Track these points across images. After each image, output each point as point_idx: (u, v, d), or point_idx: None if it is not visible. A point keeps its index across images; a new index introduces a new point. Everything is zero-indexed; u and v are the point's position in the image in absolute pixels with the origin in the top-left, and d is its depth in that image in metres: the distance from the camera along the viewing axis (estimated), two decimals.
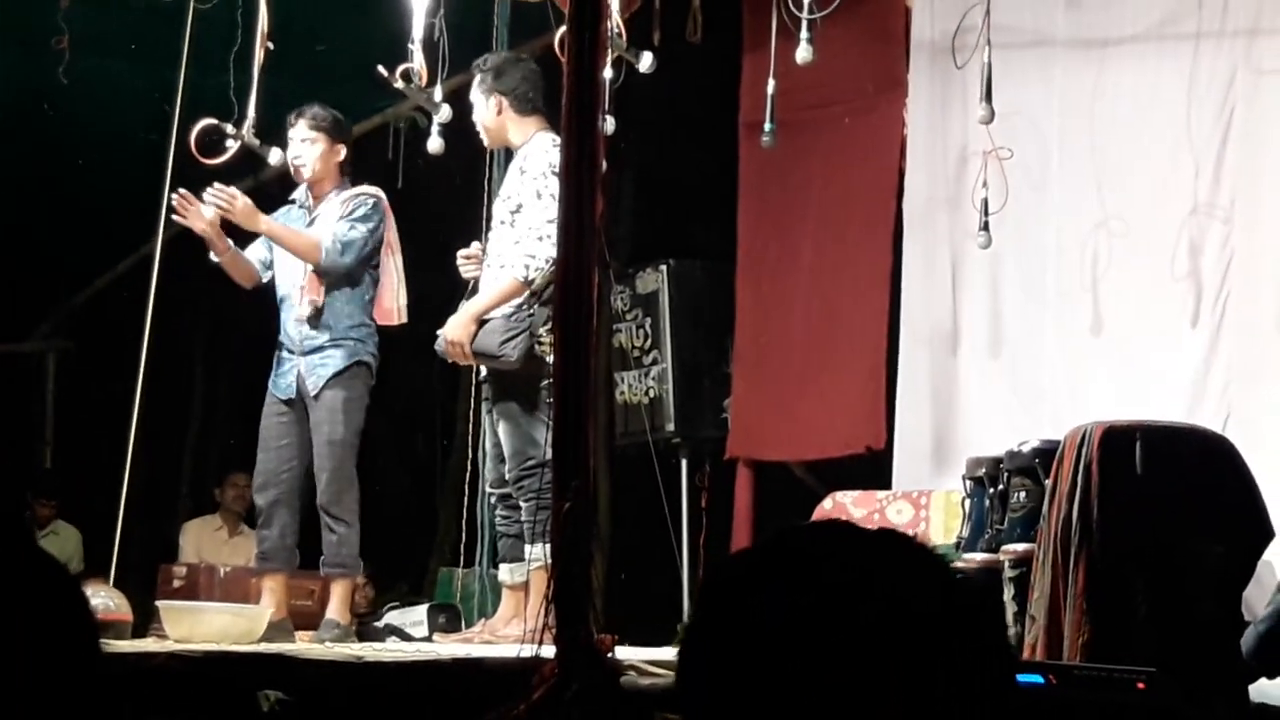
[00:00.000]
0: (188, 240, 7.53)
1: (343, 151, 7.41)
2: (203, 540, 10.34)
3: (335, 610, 7.22)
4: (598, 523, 5.09)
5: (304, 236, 7.27)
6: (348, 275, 7.24)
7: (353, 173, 7.49)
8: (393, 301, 7.39)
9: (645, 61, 6.96)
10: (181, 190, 7.19)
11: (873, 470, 8.31)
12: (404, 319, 7.43)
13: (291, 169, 7.40)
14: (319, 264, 7.19)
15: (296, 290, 7.30)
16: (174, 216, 7.22)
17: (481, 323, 6.89)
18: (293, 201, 7.54)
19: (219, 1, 7.82)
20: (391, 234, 7.42)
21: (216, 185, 7.15)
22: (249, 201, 7.21)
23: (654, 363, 9.25)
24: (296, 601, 7.66)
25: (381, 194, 7.45)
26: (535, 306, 6.76)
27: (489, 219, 7.40)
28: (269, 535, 7.27)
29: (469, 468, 8.04)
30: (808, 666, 1.65)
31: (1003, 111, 7.02)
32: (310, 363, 7.22)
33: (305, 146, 7.34)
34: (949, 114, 8.28)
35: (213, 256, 7.33)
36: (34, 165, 9.83)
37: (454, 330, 6.93)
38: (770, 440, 8.90)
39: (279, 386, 7.30)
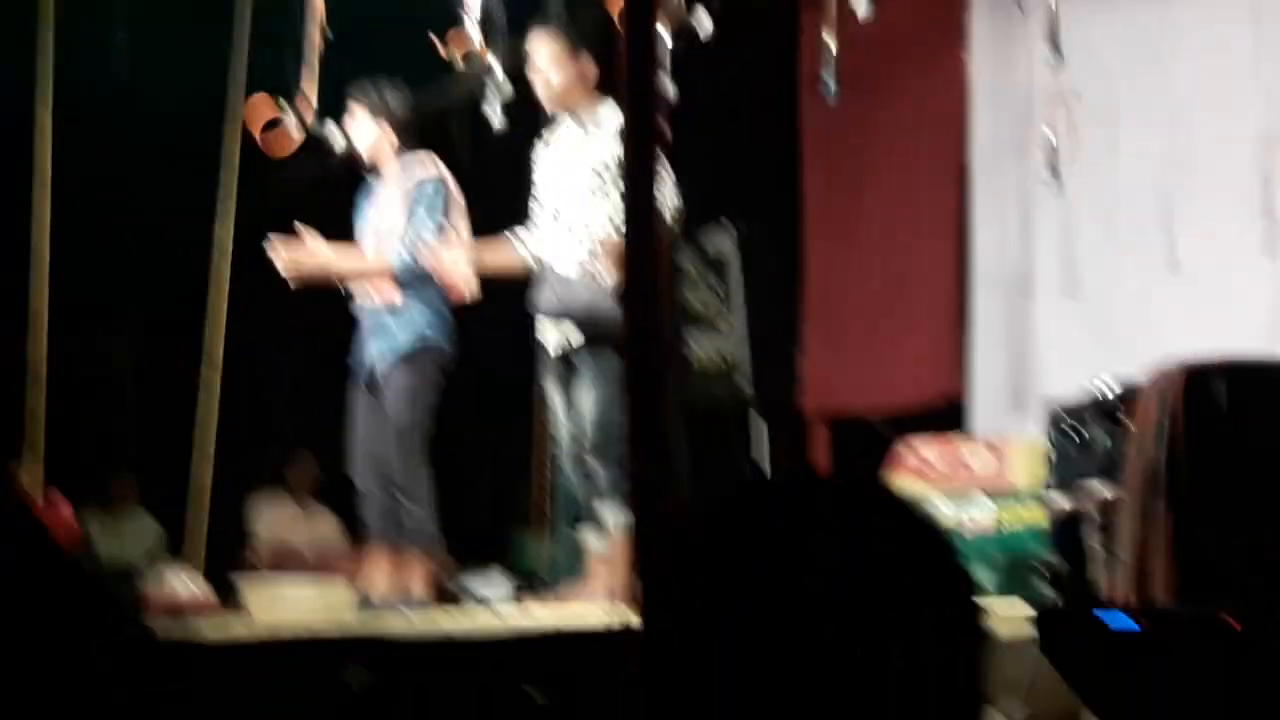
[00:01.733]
0: (254, 225, 7.55)
1: (399, 126, 7.41)
2: (274, 520, 10.37)
3: (414, 584, 7.24)
4: (677, 488, 5.06)
5: (374, 266, 7.27)
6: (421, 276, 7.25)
7: (413, 143, 7.46)
8: (460, 278, 7.37)
9: (705, 26, 6.89)
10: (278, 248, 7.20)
11: (951, 421, 8.26)
12: (473, 294, 7.41)
13: (354, 148, 7.42)
14: (396, 276, 7.21)
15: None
16: (284, 271, 7.22)
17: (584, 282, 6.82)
18: (368, 185, 7.55)
19: None
20: (457, 212, 7.39)
21: (283, 257, 7.15)
22: (322, 254, 7.23)
23: (726, 322, 9.21)
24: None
25: (445, 171, 7.42)
26: None
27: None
28: (367, 507, 7.29)
29: (545, 434, 8.02)
30: (779, 634, 1.66)
31: (1068, 52, 6.94)
32: (380, 347, 7.24)
33: (358, 127, 7.36)
34: (1013, 59, 8.21)
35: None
36: (100, 157, 9.85)
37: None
38: (847, 395, 8.87)
39: (359, 370, 7.33)
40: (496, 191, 7.77)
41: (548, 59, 7.01)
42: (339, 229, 7.52)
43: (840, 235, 8.93)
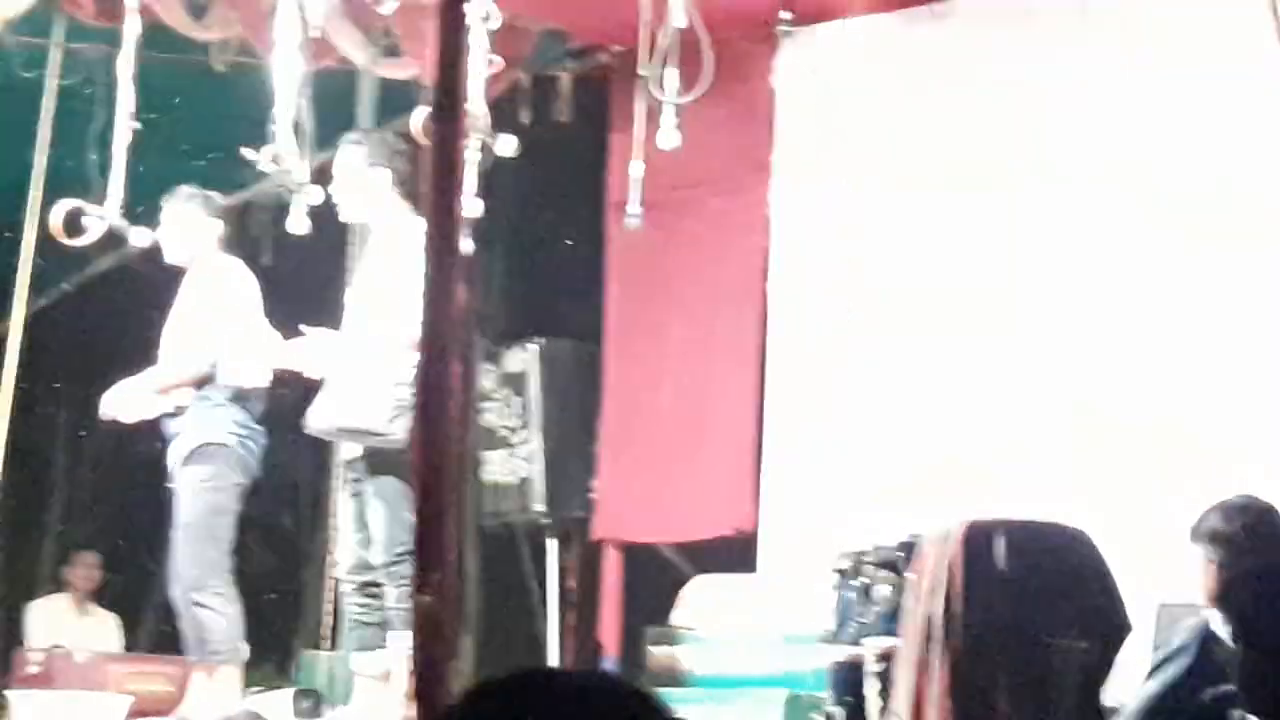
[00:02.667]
0: (48, 319, 7.43)
1: (219, 227, 7.36)
2: (52, 621, 10.13)
3: (218, 701, 7.09)
4: (460, 613, 5.02)
5: (183, 376, 7.18)
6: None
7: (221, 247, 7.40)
8: (260, 361, 7.28)
9: (506, 145, 6.92)
10: None
11: (741, 552, 8.29)
12: (267, 379, 7.30)
13: (164, 248, 7.33)
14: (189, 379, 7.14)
15: None
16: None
17: (368, 398, 6.76)
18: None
19: (81, 80, 7.75)
20: (246, 298, 7.31)
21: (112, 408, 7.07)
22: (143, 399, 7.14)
23: (523, 442, 9.17)
24: (155, 689, 7.52)
25: (238, 263, 7.37)
26: None
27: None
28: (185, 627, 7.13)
29: (331, 549, 7.93)
30: None
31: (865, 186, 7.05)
32: (172, 451, 7.13)
33: (180, 225, 7.28)
34: (814, 193, 8.31)
35: None
36: None
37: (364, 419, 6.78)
38: (639, 521, 8.86)
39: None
40: (302, 293, 7.74)
41: (347, 170, 7.01)
42: (133, 323, 7.42)
43: (641, 358, 8.95)
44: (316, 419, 6.94)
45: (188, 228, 7.29)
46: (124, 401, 7.12)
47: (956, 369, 7.76)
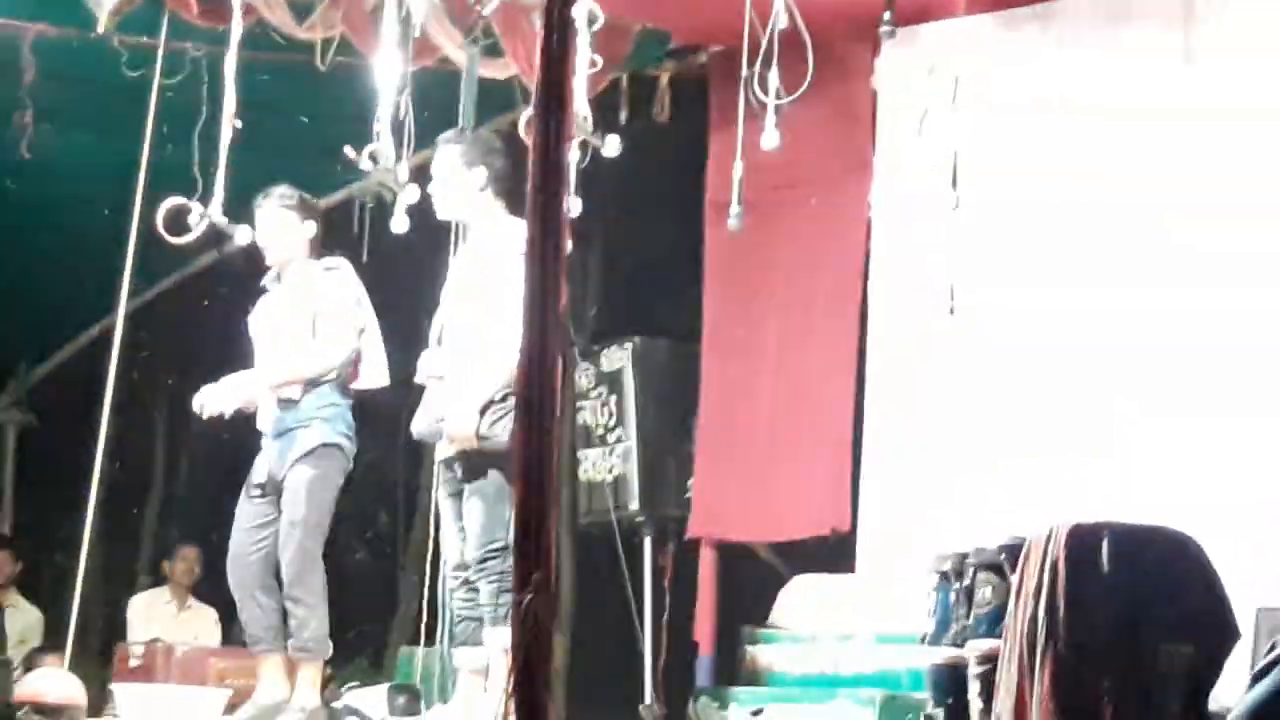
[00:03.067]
0: (150, 314, 7.50)
1: (313, 229, 7.38)
2: (152, 615, 10.24)
3: (302, 693, 7.15)
4: (559, 612, 5.03)
5: (290, 371, 7.22)
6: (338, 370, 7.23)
7: (320, 249, 7.45)
8: (372, 364, 7.33)
9: (610, 145, 6.94)
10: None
11: (838, 552, 8.28)
12: (386, 380, 7.37)
13: (261, 248, 7.37)
14: (315, 378, 7.18)
15: None
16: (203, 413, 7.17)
17: (469, 403, 6.77)
18: (265, 290, 7.48)
19: (185, 78, 7.82)
20: (359, 302, 7.36)
21: (206, 400, 7.11)
22: (240, 392, 7.19)
23: (618, 441, 9.20)
24: (254, 682, 7.58)
25: (348, 264, 7.41)
26: None
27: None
28: (249, 619, 7.19)
29: (431, 545, 7.97)
30: None
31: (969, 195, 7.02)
32: (280, 446, 7.18)
33: (273, 226, 7.31)
34: (915, 194, 8.28)
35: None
36: None
37: (460, 426, 6.78)
38: (734, 520, 8.86)
39: (254, 470, 7.26)
40: (401, 292, 7.79)
41: (445, 170, 7.03)
42: (232, 321, 7.47)
43: (738, 359, 8.95)
44: (420, 424, 6.98)
45: (281, 228, 7.33)
46: (222, 396, 7.16)
47: (1056, 368, 7.72)
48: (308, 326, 7.24)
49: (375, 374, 7.37)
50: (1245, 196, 7.26)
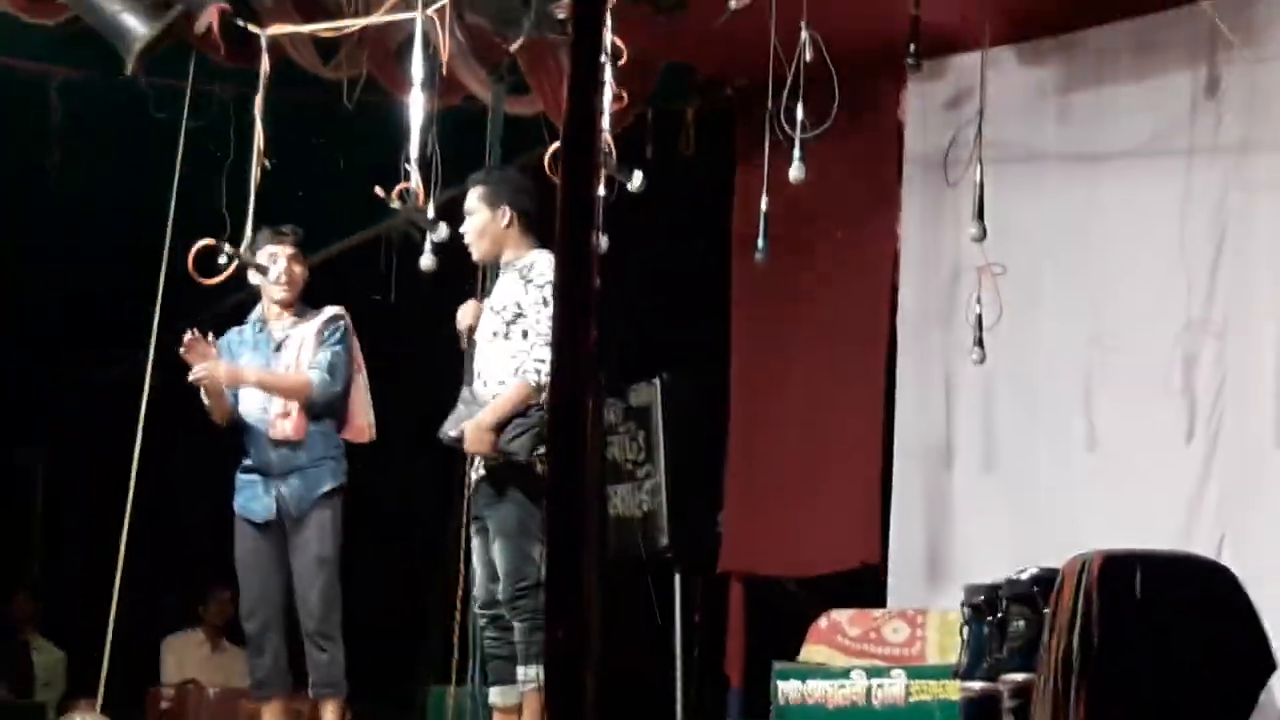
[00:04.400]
0: (178, 355, 7.52)
1: (305, 273, 7.50)
2: (185, 656, 10.24)
3: None
4: (591, 648, 5.02)
5: (290, 378, 7.30)
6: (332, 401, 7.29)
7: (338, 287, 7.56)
8: (363, 419, 7.47)
9: (636, 180, 6.96)
10: (194, 333, 7.20)
11: (869, 587, 8.26)
12: (373, 435, 7.47)
13: (279, 284, 7.41)
14: (311, 398, 7.22)
15: (269, 416, 7.30)
16: (184, 354, 7.21)
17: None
18: (245, 321, 7.54)
19: (212, 119, 7.85)
20: (357, 352, 7.46)
21: (193, 345, 7.15)
22: (227, 365, 7.23)
23: (647, 476, 9.20)
24: None
25: (346, 314, 7.48)
26: (544, 408, 6.70)
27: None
28: (262, 662, 7.24)
29: (460, 583, 7.97)
30: None
31: (995, 226, 6.99)
32: (293, 485, 7.22)
33: (289, 264, 7.38)
34: (941, 229, 8.29)
35: (205, 399, 7.34)
36: (27, 277, 9.83)
37: (474, 444, 6.83)
38: (764, 555, 8.85)
39: (254, 511, 7.30)
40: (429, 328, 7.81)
41: (473, 208, 7.07)
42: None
43: (766, 393, 8.95)
44: (445, 427, 7.01)
45: (297, 265, 7.41)
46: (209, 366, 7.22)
47: (1085, 402, 7.70)
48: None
49: (362, 430, 7.44)
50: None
